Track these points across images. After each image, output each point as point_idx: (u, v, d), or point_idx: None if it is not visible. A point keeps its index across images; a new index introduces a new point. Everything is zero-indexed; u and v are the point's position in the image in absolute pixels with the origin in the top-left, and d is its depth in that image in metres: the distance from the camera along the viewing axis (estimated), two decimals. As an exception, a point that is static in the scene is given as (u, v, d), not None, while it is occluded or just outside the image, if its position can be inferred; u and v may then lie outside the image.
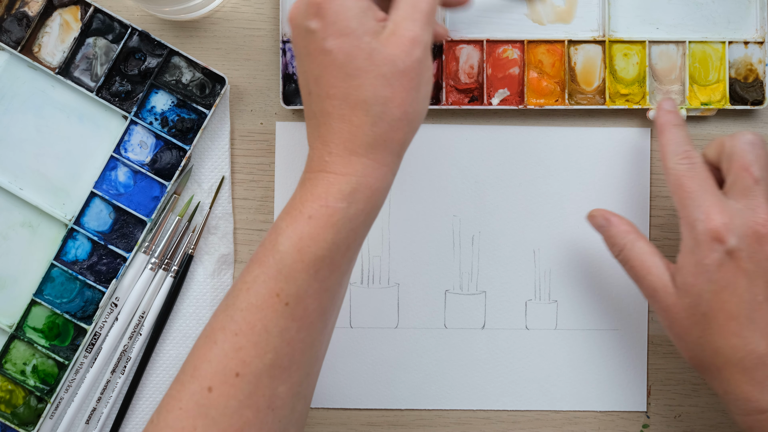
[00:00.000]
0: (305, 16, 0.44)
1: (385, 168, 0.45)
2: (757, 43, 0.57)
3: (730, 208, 0.48)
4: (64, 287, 0.56)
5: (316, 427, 0.57)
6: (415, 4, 0.45)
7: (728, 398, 0.48)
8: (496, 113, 0.58)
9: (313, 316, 0.44)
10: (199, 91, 0.56)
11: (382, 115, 0.44)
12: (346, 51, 0.43)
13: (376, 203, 0.45)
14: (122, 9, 0.57)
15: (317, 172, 0.45)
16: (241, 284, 0.45)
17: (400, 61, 0.44)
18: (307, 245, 0.43)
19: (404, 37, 0.44)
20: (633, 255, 0.51)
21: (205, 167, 0.57)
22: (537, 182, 0.58)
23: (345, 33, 0.43)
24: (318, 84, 0.45)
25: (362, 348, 0.57)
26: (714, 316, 0.47)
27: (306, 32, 0.45)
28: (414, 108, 0.45)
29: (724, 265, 0.47)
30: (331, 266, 0.44)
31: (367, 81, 0.43)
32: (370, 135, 0.44)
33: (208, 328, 0.45)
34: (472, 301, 0.58)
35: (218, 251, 0.57)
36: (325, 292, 0.44)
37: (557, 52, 0.57)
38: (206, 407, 0.42)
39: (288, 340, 0.43)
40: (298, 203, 0.44)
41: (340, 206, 0.44)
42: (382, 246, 0.58)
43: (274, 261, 0.44)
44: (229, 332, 0.43)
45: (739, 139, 0.49)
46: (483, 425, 0.58)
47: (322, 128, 0.45)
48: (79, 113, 0.57)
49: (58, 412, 0.56)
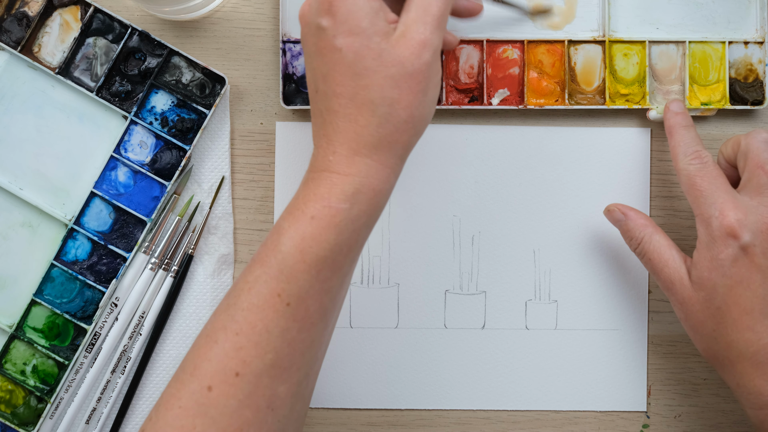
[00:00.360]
0: (317, 13, 0.44)
1: (388, 170, 0.45)
2: (757, 43, 0.57)
3: (744, 205, 0.49)
4: (64, 287, 0.56)
5: (316, 427, 0.57)
6: (426, 7, 0.45)
7: (741, 392, 0.49)
8: (496, 113, 0.58)
9: (314, 316, 0.44)
10: (199, 91, 0.56)
11: (389, 116, 0.44)
12: (356, 50, 0.43)
13: (379, 204, 0.45)
14: (122, 9, 0.57)
15: (320, 172, 0.45)
16: (243, 284, 0.45)
17: (409, 64, 0.44)
18: (309, 246, 0.43)
19: (414, 39, 0.44)
20: (651, 248, 0.52)
21: (205, 167, 0.57)
22: (537, 182, 0.58)
23: (355, 32, 0.44)
24: (326, 82, 0.45)
25: (362, 348, 0.57)
26: (728, 311, 0.48)
27: (316, 29, 0.45)
28: (420, 111, 0.45)
29: (738, 261, 0.48)
30: (333, 267, 0.44)
31: (375, 81, 0.44)
32: (375, 136, 0.44)
33: (208, 327, 0.45)
34: (472, 301, 0.58)
35: (218, 251, 0.57)
36: (327, 293, 0.44)
37: (557, 52, 0.57)
38: (206, 406, 0.43)
39: (289, 341, 0.43)
40: (301, 203, 0.44)
41: (342, 207, 0.44)
42: (382, 246, 0.58)
43: (276, 261, 0.44)
44: (230, 332, 0.43)
45: (755, 138, 0.51)
46: (483, 425, 0.58)
47: (327, 127, 0.45)
48: (79, 113, 0.57)
49: (58, 412, 0.56)
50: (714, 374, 0.58)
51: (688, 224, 0.58)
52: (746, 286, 0.48)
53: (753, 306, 0.48)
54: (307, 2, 0.46)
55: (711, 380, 0.58)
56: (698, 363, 0.58)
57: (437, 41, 0.45)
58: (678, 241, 0.56)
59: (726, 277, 0.48)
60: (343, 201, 0.44)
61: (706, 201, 0.49)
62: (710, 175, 0.50)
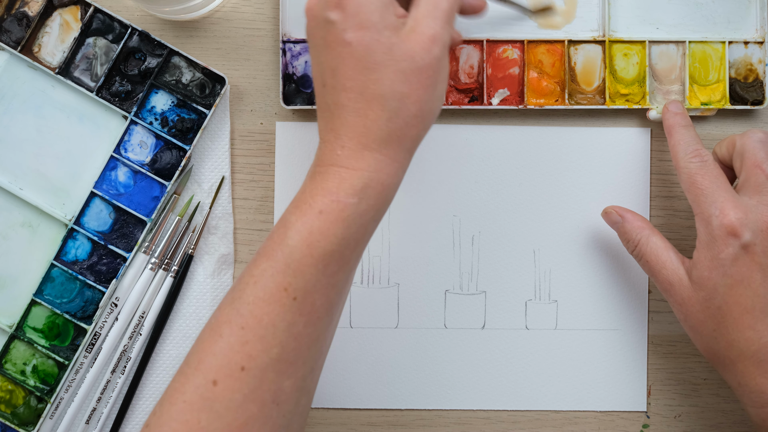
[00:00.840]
0: (325, 6, 0.44)
1: (396, 164, 0.45)
2: (757, 43, 0.57)
3: (744, 204, 0.49)
4: (64, 287, 0.56)
5: (316, 427, 0.57)
6: (436, 3, 0.45)
7: (742, 390, 0.49)
8: (496, 113, 0.58)
9: (320, 311, 0.44)
10: (199, 91, 0.56)
11: (398, 110, 0.44)
12: (366, 44, 0.43)
13: (387, 199, 0.45)
14: (122, 9, 0.57)
15: (328, 166, 0.44)
16: (248, 277, 0.44)
17: (419, 58, 0.44)
18: (317, 240, 0.43)
19: (424, 34, 0.44)
20: (648, 250, 0.52)
21: (205, 167, 0.57)
22: (537, 182, 0.58)
23: (366, 26, 0.43)
24: (334, 76, 0.44)
25: (362, 348, 0.57)
26: (729, 310, 0.48)
27: (325, 23, 0.44)
28: (429, 106, 0.45)
29: (739, 260, 0.48)
30: (340, 261, 0.44)
31: (386, 75, 0.43)
32: (384, 130, 0.44)
33: (213, 321, 0.45)
34: (472, 301, 0.58)
35: (218, 251, 0.57)
36: (333, 288, 0.44)
37: (557, 52, 0.57)
38: (211, 400, 0.42)
39: (295, 335, 0.43)
40: (308, 197, 0.44)
41: (351, 201, 0.43)
42: (382, 246, 0.58)
43: (282, 255, 0.43)
44: (236, 326, 0.43)
45: (750, 137, 0.51)
46: (483, 425, 0.58)
47: (336, 121, 0.45)
48: (79, 113, 0.57)
49: (58, 412, 0.56)
50: (714, 374, 0.58)
51: (688, 224, 0.58)
52: (747, 285, 0.48)
53: (754, 305, 0.48)
54: None
55: (711, 380, 0.58)
56: (698, 363, 0.58)
57: (446, 36, 0.45)
58: (678, 241, 0.56)
59: (726, 276, 0.48)
60: (352, 195, 0.44)
61: (706, 200, 0.49)
62: (711, 174, 0.50)
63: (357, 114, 0.44)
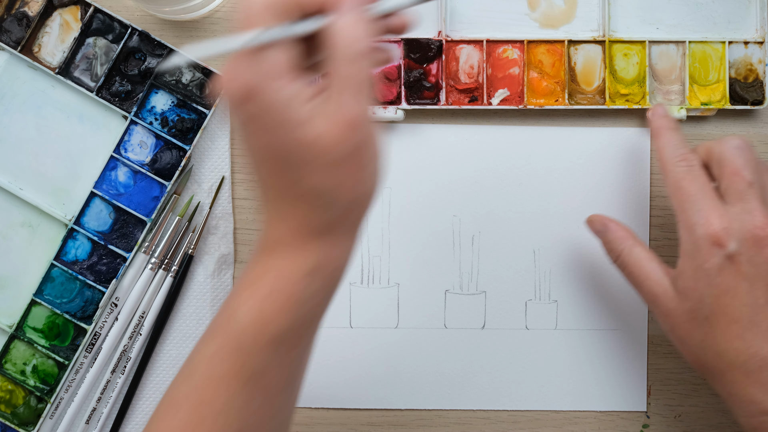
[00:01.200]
0: (237, 103, 0.40)
1: (341, 247, 0.42)
2: (757, 43, 0.57)
3: (728, 213, 0.48)
4: (64, 287, 0.56)
5: (316, 427, 0.57)
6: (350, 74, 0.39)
7: (732, 401, 0.48)
8: (496, 113, 0.58)
9: (277, 387, 0.42)
10: (199, 91, 0.56)
11: (331, 202, 0.41)
12: (280, 145, 0.40)
13: (338, 279, 0.43)
14: (122, 9, 0.57)
15: (275, 245, 0.42)
16: (201, 356, 0.43)
17: (341, 149, 0.39)
18: (266, 323, 0.41)
19: (340, 122, 0.39)
20: (630, 261, 0.51)
21: (205, 167, 0.57)
22: (537, 182, 0.58)
23: (276, 127, 0.39)
24: (259, 173, 0.41)
25: (362, 348, 0.57)
26: (716, 320, 0.48)
27: (238, 120, 0.41)
28: (363, 189, 0.41)
29: (724, 270, 0.47)
30: (294, 340, 0.42)
31: (310, 172, 0.40)
32: (322, 222, 0.41)
33: (169, 397, 0.43)
34: (472, 301, 0.58)
35: (218, 251, 0.57)
36: (288, 365, 0.42)
37: (557, 52, 0.57)
38: None
39: (253, 411, 0.42)
40: (258, 276, 0.42)
41: (300, 286, 0.41)
42: (382, 246, 0.58)
43: (233, 336, 0.41)
44: (192, 403, 0.42)
45: (727, 145, 0.50)
46: (483, 425, 0.58)
47: (272, 211, 0.42)
48: (79, 113, 0.57)
49: (58, 412, 0.56)
50: (714, 374, 0.58)
51: (688, 224, 0.58)
52: (733, 295, 0.47)
53: (741, 315, 0.47)
54: (226, 83, 0.40)
55: (711, 380, 0.58)
56: (698, 363, 0.58)
57: (368, 111, 0.40)
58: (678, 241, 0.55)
59: (712, 286, 0.47)
60: (301, 279, 0.41)
61: (692, 207, 0.48)
62: (698, 180, 0.49)
63: (290, 209, 0.41)
